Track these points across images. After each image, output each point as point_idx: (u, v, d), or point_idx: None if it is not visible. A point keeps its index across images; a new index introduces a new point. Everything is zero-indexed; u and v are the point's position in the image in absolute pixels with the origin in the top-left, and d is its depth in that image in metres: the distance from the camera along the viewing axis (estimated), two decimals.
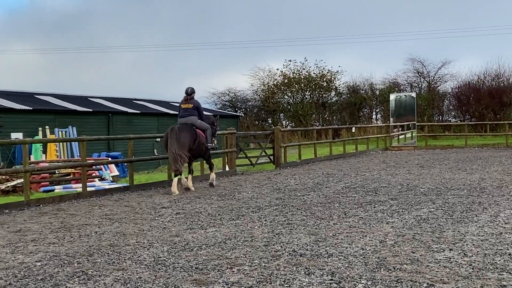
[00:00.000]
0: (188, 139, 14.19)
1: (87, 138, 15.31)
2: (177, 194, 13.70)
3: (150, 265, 6.95)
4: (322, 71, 48.88)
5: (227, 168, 19.17)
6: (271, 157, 21.67)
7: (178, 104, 16.39)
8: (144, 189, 15.15)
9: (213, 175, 15.48)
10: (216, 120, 16.34)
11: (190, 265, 6.90)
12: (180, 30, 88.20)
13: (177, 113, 15.71)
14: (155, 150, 33.46)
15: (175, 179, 14.12)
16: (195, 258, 7.20)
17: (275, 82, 50.06)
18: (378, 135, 32.54)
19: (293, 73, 49.21)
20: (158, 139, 31.77)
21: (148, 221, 10.07)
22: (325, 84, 48.87)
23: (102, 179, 18.91)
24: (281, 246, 7.72)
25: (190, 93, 15.02)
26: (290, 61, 49.23)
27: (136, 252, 7.64)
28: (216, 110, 47.34)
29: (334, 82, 49.08)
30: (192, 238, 8.47)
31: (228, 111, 50.04)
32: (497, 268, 6.41)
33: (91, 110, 33.04)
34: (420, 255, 7.03)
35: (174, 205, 12.01)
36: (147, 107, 39.07)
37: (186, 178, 14.79)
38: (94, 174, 18.99)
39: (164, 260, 7.18)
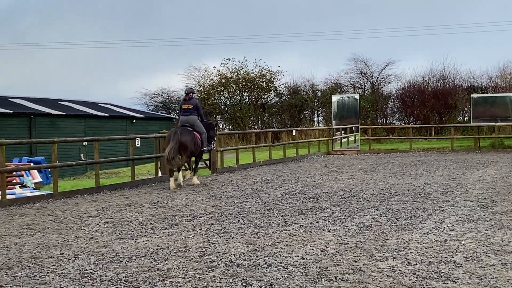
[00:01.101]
0: (189, 143, 16.15)
1: (7, 142, 14.95)
2: (174, 188, 15.72)
3: (75, 279, 6.84)
4: (262, 71, 49.00)
5: (159, 174, 19.03)
6: (207, 162, 21.62)
7: (108, 106, 17.51)
8: (70, 197, 14.91)
9: (195, 179, 17.16)
10: (216, 124, 18.14)
11: (119, 277, 6.82)
12: (118, 27, 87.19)
13: (108, 115, 16.57)
14: (82, 155, 32.97)
15: (172, 178, 16.01)
16: (125, 270, 7.12)
17: (211, 82, 49.87)
18: (320, 139, 32.91)
19: (231, 72, 49.14)
20: (85, 143, 31.36)
21: (74, 231, 9.92)
22: (264, 84, 48.99)
23: (23, 186, 18.51)
24: (217, 257, 7.71)
25: (187, 92, 16.98)
26: (228, 60, 49.17)
27: (60, 265, 7.50)
28: (148, 111, 46.98)
29: (274, 83, 49.26)
30: (121, 248, 8.38)
31: (161, 112, 49.69)
32: (441, 276, 6.55)
33: (11, 111, 32.28)
34: (363, 264, 7.13)
35: (102, 213, 11.86)
36: (74, 108, 38.44)
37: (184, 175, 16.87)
38: (14, 181, 18.59)
39: (91, 272, 7.08)
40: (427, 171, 19.32)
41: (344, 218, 10.45)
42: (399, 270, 6.84)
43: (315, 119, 49.86)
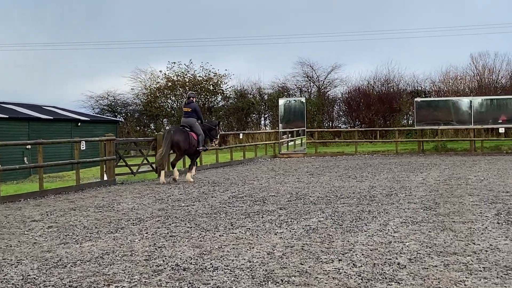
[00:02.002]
0: (182, 142, 17.84)
1: None
2: (164, 183, 17.65)
3: (18, 284, 6.71)
4: (208, 74, 48.97)
5: (105, 178, 18.82)
6: (154, 165, 21.48)
7: (52, 108, 17.82)
8: (13, 201, 14.63)
9: (189, 176, 18.38)
10: (218, 123, 19.80)
11: (63, 282, 6.73)
12: (65, 29, 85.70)
13: (52, 118, 16.88)
14: (25, 158, 32.39)
15: (162, 173, 18.11)
16: (69, 275, 7.02)
17: (158, 86, 49.60)
18: (266, 142, 33.02)
19: (178, 76, 48.96)
20: (29, 146, 30.80)
21: (17, 236, 9.74)
22: (211, 87, 48.96)
23: None
24: (163, 260, 7.67)
25: (188, 97, 18.99)
26: (174, 63, 48.98)
27: (2, 270, 7.36)
28: (94, 114, 46.42)
29: (221, 86, 49.27)
30: (65, 253, 8.26)
31: (107, 115, 49.15)
32: (386, 278, 6.64)
33: None
34: (309, 267, 7.17)
35: (46, 218, 11.67)
36: (17, 111, 37.69)
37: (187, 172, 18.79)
38: None
39: (34, 278, 6.96)
40: (372, 174, 19.57)
41: (291, 221, 10.51)
42: (345, 272, 6.91)
43: (262, 122, 50.06)
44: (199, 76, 48.92)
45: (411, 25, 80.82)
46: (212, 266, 7.32)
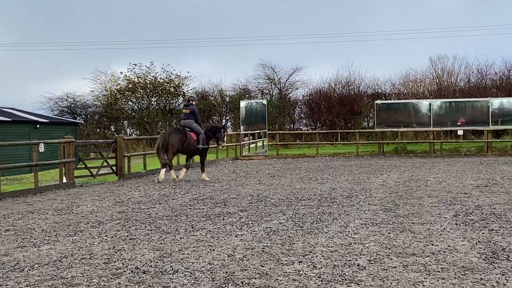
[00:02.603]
0: (176, 141, 18.69)
1: None
2: (162, 180, 18.63)
3: None
4: (170, 76, 48.82)
5: (64, 180, 18.62)
6: (114, 168, 21.33)
7: (10, 110, 17.67)
8: None
9: (204, 176, 19.14)
10: (224, 125, 20.86)
11: (20, 286, 6.64)
12: (24, 30, 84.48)
13: (10, 120, 16.54)
14: None
15: (162, 170, 18.91)
16: (26, 279, 6.93)
17: (118, 87, 49.26)
18: (228, 144, 32.98)
19: (139, 77, 48.70)
20: None
21: None
22: (172, 89, 48.79)
23: None
24: (123, 263, 7.61)
25: (187, 99, 20.31)
26: (135, 64, 48.71)
27: None
28: (53, 116, 45.87)
29: (182, 88, 49.14)
30: (23, 257, 8.15)
31: (67, 117, 48.62)
32: (345, 279, 6.68)
33: None
34: (269, 269, 7.19)
35: (3, 221, 11.50)
36: None
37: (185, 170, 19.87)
38: None
39: None
40: (333, 176, 19.68)
41: (252, 223, 10.51)
42: (305, 273, 6.94)
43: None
44: (161, 78, 48.75)
45: (372, 28, 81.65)
46: (172, 268, 7.29)
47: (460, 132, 32.51)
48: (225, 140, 20.37)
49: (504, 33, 75.66)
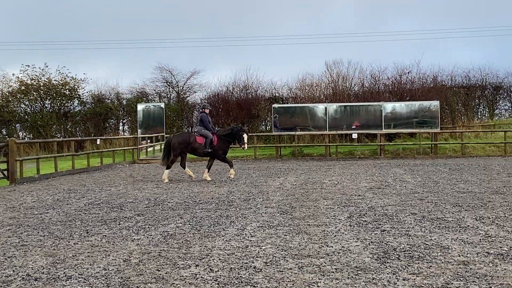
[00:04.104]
0: (177, 145, 19.79)
1: None
2: (166, 182, 19.25)
3: None
4: (65, 79, 47.73)
5: None
6: (5, 172, 20.66)
7: None
8: None
9: (232, 171, 20.14)
10: (241, 128, 20.72)
11: None
12: None
13: None
14: None
15: (166, 171, 19.91)
16: None
17: (10, 89, 47.76)
18: (125, 148, 32.55)
19: (32, 79, 47.36)
20: None
21: None
22: (67, 92, 47.73)
23: None
24: (14, 270, 7.39)
25: (202, 107, 21.24)
26: (28, 66, 47.35)
27: None
28: None
29: (78, 91, 48.16)
30: None
31: None
32: (242, 282, 6.72)
33: None
34: (166, 273, 7.14)
35: None
36: None
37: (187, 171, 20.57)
38: None
39: None
40: (230, 179, 19.76)
41: (148, 227, 10.42)
42: (202, 277, 6.94)
43: (121, 127, 49.35)
44: (55, 80, 47.56)
45: (269, 32, 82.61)
46: (66, 275, 7.13)
47: (354, 136, 33.28)
48: (246, 142, 20.33)
49: (395, 40, 78.15)
